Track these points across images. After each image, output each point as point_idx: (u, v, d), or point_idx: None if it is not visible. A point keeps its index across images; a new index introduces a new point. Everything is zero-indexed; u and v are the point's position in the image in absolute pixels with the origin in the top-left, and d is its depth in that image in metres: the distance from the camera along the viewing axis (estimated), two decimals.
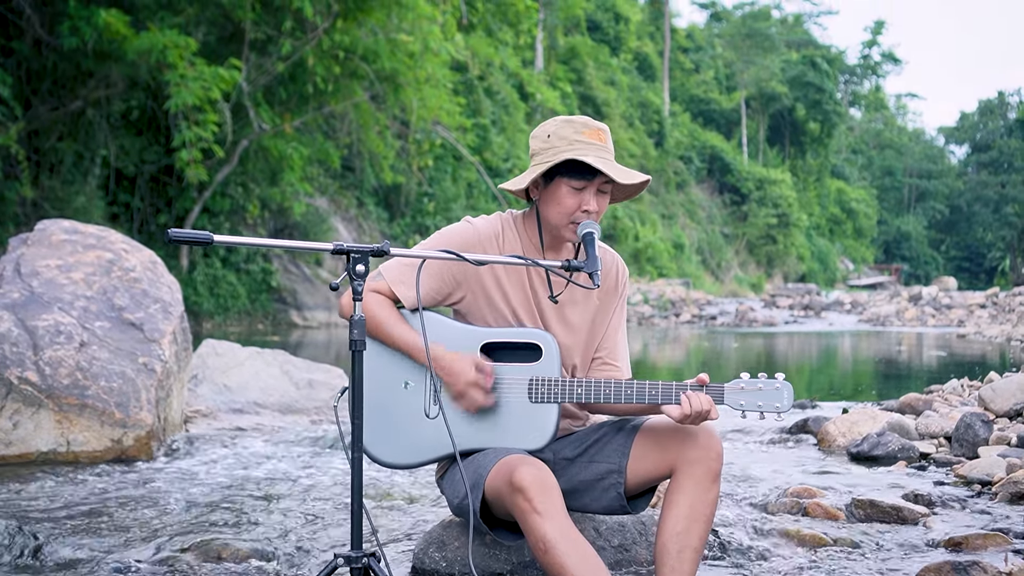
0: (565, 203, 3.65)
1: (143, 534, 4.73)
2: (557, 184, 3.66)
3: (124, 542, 4.58)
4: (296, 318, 29.40)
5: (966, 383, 9.73)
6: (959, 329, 28.68)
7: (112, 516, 5.08)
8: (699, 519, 3.57)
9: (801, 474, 6.20)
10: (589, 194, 3.65)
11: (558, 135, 3.67)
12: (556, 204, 3.67)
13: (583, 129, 3.66)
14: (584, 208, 3.64)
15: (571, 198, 3.65)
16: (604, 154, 3.64)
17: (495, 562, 4.03)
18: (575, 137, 3.64)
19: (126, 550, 4.45)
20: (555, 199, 3.67)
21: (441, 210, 37.00)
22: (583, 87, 53.94)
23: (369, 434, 3.69)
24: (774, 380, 3.51)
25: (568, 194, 3.65)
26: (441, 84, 31.53)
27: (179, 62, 23.22)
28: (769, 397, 3.50)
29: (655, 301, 37.95)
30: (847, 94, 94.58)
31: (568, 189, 3.64)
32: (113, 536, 4.69)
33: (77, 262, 7.32)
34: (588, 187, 3.64)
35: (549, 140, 3.68)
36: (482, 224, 3.81)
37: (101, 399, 6.54)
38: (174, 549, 4.44)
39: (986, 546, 4.44)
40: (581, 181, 3.63)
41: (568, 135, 3.65)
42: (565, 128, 3.67)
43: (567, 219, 3.67)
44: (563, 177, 3.64)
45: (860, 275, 74.82)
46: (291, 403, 8.62)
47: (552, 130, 3.70)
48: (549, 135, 3.69)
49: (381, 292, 3.73)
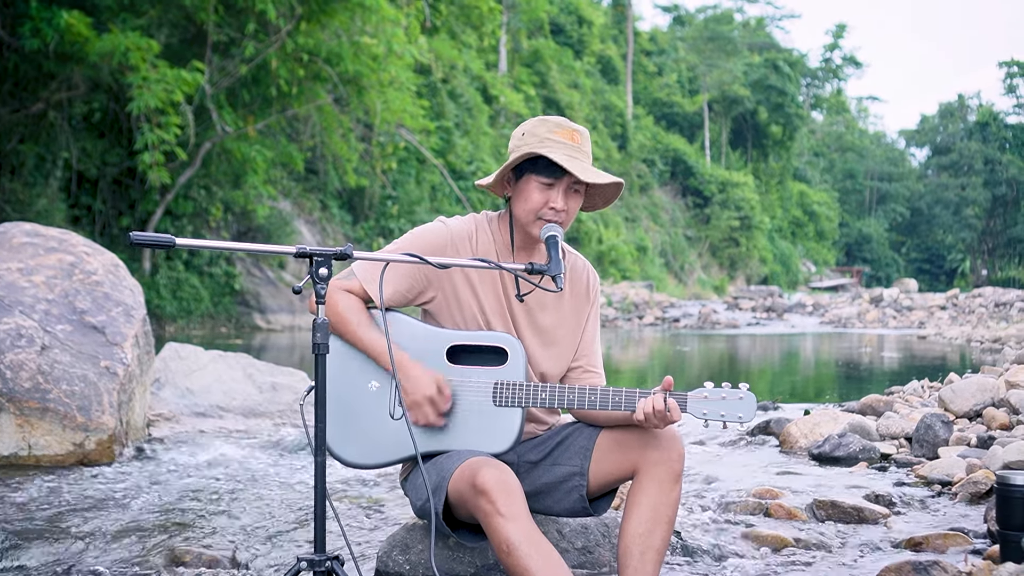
0: (532, 199, 3.67)
1: (105, 538, 4.70)
2: (527, 180, 3.69)
3: (86, 547, 4.56)
4: (259, 321, 29.29)
5: (926, 384, 9.79)
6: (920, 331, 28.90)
7: (74, 520, 5.05)
8: (661, 520, 3.59)
9: (763, 475, 6.23)
10: (557, 192, 3.67)
11: (532, 132, 3.70)
12: (524, 200, 3.70)
13: (556, 128, 3.68)
14: (551, 205, 3.66)
15: (539, 194, 3.67)
16: (575, 153, 3.66)
17: (458, 565, 4.04)
18: (546, 135, 3.67)
19: (88, 555, 4.43)
20: (524, 195, 3.70)
21: (405, 213, 36.96)
22: (547, 90, 54.02)
23: (334, 434, 3.69)
24: (737, 390, 3.53)
25: (536, 190, 3.67)
26: (405, 87, 31.51)
27: (141, 64, 23.09)
28: (732, 407, 3.52)
29: (619, 304, 38.02)
30: (809, 97, 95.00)
31: (537, 185, 3.67)
32: (75, 541, 4.66)
33: (38, 265, 7.27)
34: (556, 184, 3.66)
35: (523, 138, 3.71)
36: (456, 224, 3.82)
37: (63, 403, 6.50)
38: (137, 553, 4.42)
39: (946, 546, 4.47)
40: (549, 178, 3.66)
41: (541, 133, 3.68)
42: (539, 127, 3.71)
43: (534, 216, 3.68)
44: (532, 173, 3.67)
45: (822, 277, 75.18)
46: (254, 406, 8.59)
47: (527, 128, 3.73)
48: (524, 133, 3.72)
49: (353, 291, 3.73)
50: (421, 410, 3.63)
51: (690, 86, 77.25)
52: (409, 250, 3.60)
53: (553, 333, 3.88)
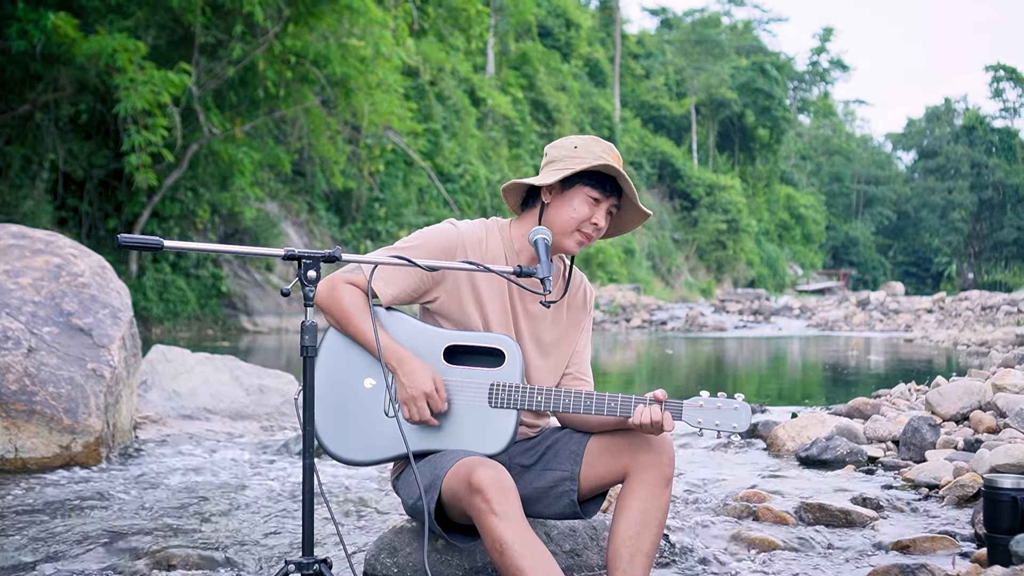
0: (579, 210, 3.73)
1: (92, 541, 4.69)
2: (577, 190, 3.74)
3: (72, 550, 4.54)
4: (246, 323, 29.24)
5: (913, 387, 9.81)
6: (906, 334, 28.94)
7: (60, 523, 5.04)
8: (651, 524, 3.59)
9: (751, 478, 6.24)
10: (602, 209, 3.75)
11: (586, 148, 3.74)
12: (570, 209, 3.74)
13: (610, 151, 3.74)
14: (594, 220, 3.73)
15: (586, 207, 3.73)
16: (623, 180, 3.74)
17: (447, 567, 4.03)
18: (602, 154, 3.72)
19: (74, 558, 4.41)
20: (569, 205, 3.74)
21: (392, 215, 36.93)
22: (534, 93, 54.01)
23: (328, 430, 3.69)
24: (733, 400, 3.54)
25: (584, 202, 3.73)
26: (392, 89, 31.50)
27: (128, 66, 23.04)
28: (727, 416, 3.53)
29: (606, 306, 38.02)
30: (796, 100, 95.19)
31: (586, 198, 3.73)
32: (61, 544, 4.65)
33: (25, 267, 7.25)
34: (602, 202, 3.75)
35: (576, 151, 3.74)
36: (466, 228, 3.83)
37: (49, 405, 6.48)
38: (124, 557, 4.41)
39: (934, 549, 4.48)
40: (601, 194, 3.73)
41: (596, 151, 3.73)
42: (594, 145, 3.76)
43: (575, 225, 3.74)
44: (585, 185, 3.73)
45: (809, 280, 75.27)
46: (241, 409, 8.58)
47: (580, 143, 3.77)
48: (576, 146, 3.76)
49: (358, 285, 3.73)
50: (416, 405, 3.62)
51: (677, 89, 77.29)
52: (419, 249, 3.65)
53: (552, 344, 3.91)
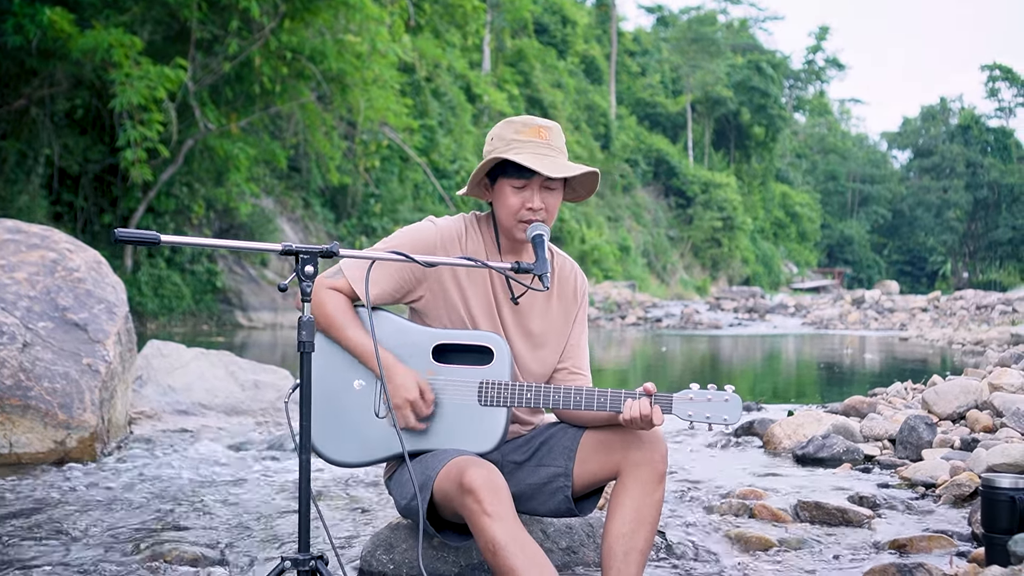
0: (509, 203, 3.67)
1: (87, 536, 4.68)
2: (501, 185, 3.70)
3: (66, 545, 4.53)
4: (241, 319, 29.23)
5: (909, 386, 9.80)
6: (901, 332, 28.96)
7: (54, 519, 5.02)
8: (645, 521, 3.58)
9: (747, 476, 6.23)
10: (531, 192, 3.66)
11: (499, 136, 3.70)
12: (502, 205, 3.70)
13: (521, 128, 3.68)
14: (528, 206, 3.66)
15: (514, 197, 3.67)
16: (543, 151, 3.65)
17: (442, 564, 4.03)
18: (512, 136, 3.67)
19: (68, 554, 4.40)
20: (501, 200, 3.71)
21: (388, 211, 36.92)
22: (530, 89, 54.02)
23: (319, 432, 3.67)
24: (723, 392, 3.51)
25: (511, 194, 3.67)
26: (388, 85, 31.48)
27: (124, 61, 23.04)
28: (717, 409, 3.50)
29: (601, 303, 38.04)
30: (791, 99, 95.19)
31: (510, 189, 3.67)
32: (55, 539, 4.63)
33: (20, 262, 7.23)
34: (529, 185, 3.66)
35: (492, 143, 3.71)
36: (445, 224, 3.81)
37: (44, 400, 6.47)
38: (119, 551, 4.39)
39: (930, 548, 4.47)
40: (520, 180, 3.66)
41: (507, 135, 3.68)
42: (505, 129, 3.71)
43: (514, 219, 3.68)
44: (504, 177, 3.68)
45: (804, 278, 75.35)
46: (237, 404, 8.57)
47: (495, 132, 3.73)
48: (492, 137, 3.73)
49: (340, 290, 3.71)
50: (401, 413, 3.62)
51: (673, 87, 77.37)
52: (398, 249, 3.57)
53: (541, 335, 3.87)
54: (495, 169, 3.70)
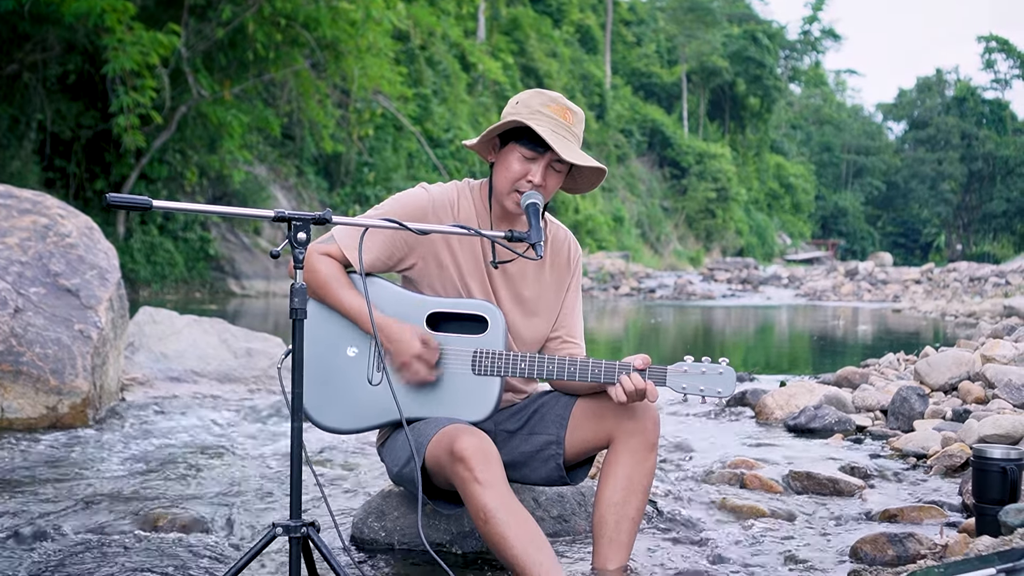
0: (512, 168, 3.64)
1: (78, 502, 4.67)
2: (510, 149, 3.65)
3: (58, 511, 4.53)
4: (234, 287, 29.22)
5: (902, 357, 9.83)
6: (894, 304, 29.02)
7: (46, 484, 5.02)
8: (636, 490, 3.59)
9: (739, 446, 6.25)
10: (538, 166, 3.62)
11: (525, 103, 3.66)
12: (504, 169, 3.66)
13: (550, 103, 3.64)
14: (529, 178, 3.62)
15: (519, 165, 3.63)
16: (562, 132, 3.61)
17: (435, 532, 4.03)
18: (538, 107, 3.63)
19: (60, 519, 4.39)
20: (505, 164, 3.66)
21: (381, 180, 36.85)
22: (525, 58, 53.84)
23: (312, 399, 3.66)
24: (717, 364, 3.51)
25: (517, 160, 3.63)
26: (382, 53, 31.37)
27: (117, 26, 22.92)
28: (711, 381, 3.50)
29: (595, 274, 38.06)
30: (787, 70, 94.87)
31: (519, 156, 3.63)
32: (47, 504, 4.63)
33: (12, 227, 7.21)
34: (538, 159, 3.62)
35: (517, 106, 3.67)
36: (438, 191, 3.78)
37: (36, 366, 6.46)
38: (109, 518, 4.39)
39: (921, 518, 4.48)
40: (531, 151, 3.62)
41: (534, 105, 3.64)
42: (534, 98, 3.66)
43: (510, 185, 3.64)
44: (516, 143, 3.64)
45: (797, 250, 75.38)
46: (229, 372, 8.56)
47: (523, 98, 3.69)
48: (518, 102, 3.68)
49: (332, 255, 3.69)
50: (411, 370, 3.60)
51: (669, 56, 77.12)
52: (390, 216, 3.55)
53: (533, 303, 3.85)
54: (509, 132, 3.67)
